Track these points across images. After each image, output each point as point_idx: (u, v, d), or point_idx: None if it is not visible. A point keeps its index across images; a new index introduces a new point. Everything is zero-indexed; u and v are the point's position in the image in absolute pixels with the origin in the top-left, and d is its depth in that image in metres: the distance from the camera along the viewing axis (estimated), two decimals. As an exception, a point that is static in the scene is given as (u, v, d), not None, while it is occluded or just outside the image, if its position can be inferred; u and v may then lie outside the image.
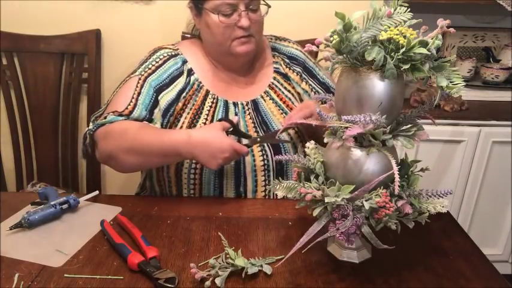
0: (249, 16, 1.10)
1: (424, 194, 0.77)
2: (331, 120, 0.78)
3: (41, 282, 0.76)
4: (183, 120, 1.15)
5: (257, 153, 1.14)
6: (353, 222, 0.73)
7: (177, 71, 1.17)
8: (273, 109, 1.21)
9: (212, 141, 0.96)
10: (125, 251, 0.82)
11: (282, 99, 1.23)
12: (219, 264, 0.79)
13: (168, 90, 1.14)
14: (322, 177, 0.79)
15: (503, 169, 1.72)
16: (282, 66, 1.26)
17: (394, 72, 0.70)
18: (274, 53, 1.28)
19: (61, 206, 0.97)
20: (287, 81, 1.26)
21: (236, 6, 1.09)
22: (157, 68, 1.15)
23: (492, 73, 1.87)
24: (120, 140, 1.01)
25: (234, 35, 1.11)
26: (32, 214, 0.92)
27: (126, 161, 1.02)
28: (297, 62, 1.27)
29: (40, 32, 1.65)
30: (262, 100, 1.21)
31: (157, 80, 1.14)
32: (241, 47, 1.13)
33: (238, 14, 1.09)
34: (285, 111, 1.21)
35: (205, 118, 1.15)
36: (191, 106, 1.16)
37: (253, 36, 1.13)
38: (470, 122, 1.67)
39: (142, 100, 1.10)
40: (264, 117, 1.19)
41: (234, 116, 1.17)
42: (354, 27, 0.71)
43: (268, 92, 1.23)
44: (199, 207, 1.03)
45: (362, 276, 0.80)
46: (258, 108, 1.20)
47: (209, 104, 1.17)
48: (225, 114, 1.17)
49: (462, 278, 0.81)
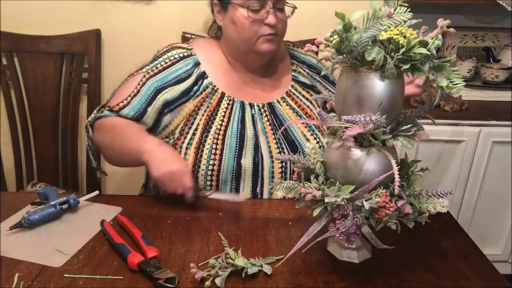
0: (276, 14, 1.10)
1: (424, 194, 0.77)
2: (331, 120, 0.78)
3: (41, 282, 0.76)
4: (197, 122, 1.14)
5: (275, 155, 1.13)
6: (353, 222, 0.73)
7: (185, 73, 1.16)
8: (290, 114, 1.20)
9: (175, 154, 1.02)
10: (125, 251, 0.82)
11: (300, 106, 1.22)
12: (219, 264, 0.79)
13: (170, 89, 1.14)
14: (322, 177, 0.79)
15: (503, 169, 1.72)
16: (303, 74, 1.27)
17: (394, 72, 0.69)
18: (293, 61, 1.28)
19: (61, 206, 0.97)
20: (305, 90, 1.26)
21: (264, 2, 1.08)
22: (164, 68, 1.15)
23: (492, 73, 1.87)
24: (106, 135, 1.12)
25: (261, 32, 1.11)
26: (32, 214, 0.92)
27: (107, 155, 1.13)
28: (316, 71, 1.29)
29: (40, 32, 1.65)
30: (278, 105, 1.21)
31: (161, 81, 1.14)
32: (266, 44, 1.12)
33: (266, 11, 1.08)
34: (303, 117, 1.21)
35: (221, 119, 1.14)
36: (205, 108, 1.15)
37: (277, 35, 1.13)
38: (470, 122, 1.67)
39: (138, 100, 1.12)
40: (282, 121, 1.19)
41: (250, 117, 1.16)
42: (354, 27, 0.71)
43: (285, 98, 1.22)
44: (199, 207, 1.03)
45: (362, 276, 0.80)
46: (274, 112, 1.19)
47: (225, 106, 1.16)
48: (241, 114, 1.16)
49: (462, 278, 0.81)
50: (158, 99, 1.13)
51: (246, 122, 1.15)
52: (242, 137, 1.13)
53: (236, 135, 1.13)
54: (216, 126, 1.13)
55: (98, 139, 1.13)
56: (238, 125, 1.14)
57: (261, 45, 1.12)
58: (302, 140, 1.16)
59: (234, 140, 1.12)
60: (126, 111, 1.12)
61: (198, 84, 1.16)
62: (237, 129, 1.13)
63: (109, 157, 1.14)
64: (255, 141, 1.14)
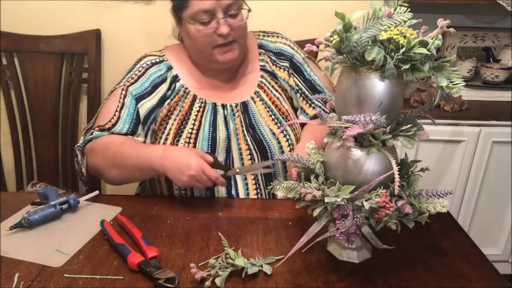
0: (228, 22, 1.07)
1: (424, 194, 0.77)
2: (331, 120, 0.78)
3: (41, 282, 0.77)
4: (169, 127, 1.14)
5: (245, 157, 1.13)
6: (353, 222, 0.73)
7: (159, 78, 1.16)
8: (262, 111, 1.18)
9: (182, 156, 0.96)
10: (125, 251, 0.82)
11: (271, 99, 1.20)
12: (219, 264, 0.79)
13: (149, 99, 1.14)
14: (322, 177, 0.79)
15: (503, 169, 1.72)
16: (269, 63, 1.23)
17: (394, 72, 0.69)
18: (261, 51, 1.24)
19: (61, 206, 0.97)
20: (274, 80, 1.23)
21: (214, 13, 1.06)
22: (139, 77, 1.15)
23: (492, 73, 1.87)
24: (104, 156, 1.05)
25: (215, 43, 1.09)
26: (32, 214, 0.92)
27: (110, 175, 1.06)
28: (284, 57, 1.23)
29: (40, 32, 1.65)
30: (252, 102, 1.19)
31: (139, 89, 1.14)
32: (224, 55, 1.11)
33: (217, 21, 1.06)
34: (274, 113, 1.18)
35: (193, 123, 1.14)
36: (178, 112, 1.15)
37: (236, 41, 1.10)
38: (470, 122, 1.67)
39: (126, 112, 1.11)
40: (252, 120, 1.17)
41: (222, 119, 1.15)
42: (354, 27, 0.71)
43: (258, 92, 1.20)
44: (199, 207, 1.03)
45: (362, 276, 0.80)
46: (247, 111, 1.18)
47: (197, 109, 1.15)
48: (213, 117, 1.15)
49: (462, 278, 0.81)
50: (139, 109, 1.12)
51: (218, 124, 1.15)
52: (214, 140, 1.12)
53: (208, 139, 1.12)
54: (188, 131, 1.12)
55: (95, 162, 1.07)
56: (210, 128, 1.13)
57: (218, 56, 1.11)
58: (269, 138, 1.15)
59: (205, 143, 1.12)
60: (119, 128, 1.09)
61: (172, 88, 1.16)
62: (208, 132, 1.13)
63: (112, 177, 1.07)
64: (227, 144, 1.13)
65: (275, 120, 1.18)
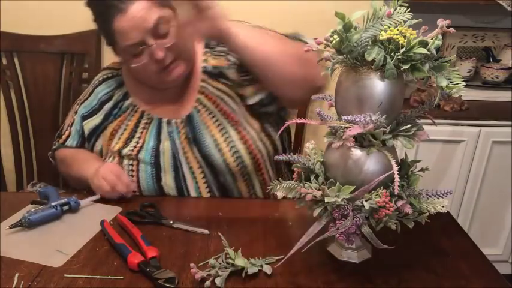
0: (162, 43, 1.00)
1: (424, 194, 0.77)
2: (331, 120, 0.78)
3: (41, 282, 0.77)
4: (116, 141, 1.15)
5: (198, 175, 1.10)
6: (353, 222, 0.73)
7: (106, 95, 1.19)
8: (207, 120, 1.10)
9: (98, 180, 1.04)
10: (125, 251, 0.82)
11: (215, 103, 1.11)
12: (219, 264, 0.79)
13: (95, 117, 1.19)
14: (322, 177, 0.79)
15: (503, 169, 1.72)
16: (208, 60, 1.13)
17: (394, 72, 0.69)
18: (206, 50, 1.15)
19: (62, 208, 0.97)
20: (216, 78, 1.12)
21: (143, 42, 1.00)
22: (91, 93, 1.21)
23: (492, 73, 1.87)
24: (62, 167, 1.25)
25: (157, 69, 1.03)
26: (33, 214, 0.92)
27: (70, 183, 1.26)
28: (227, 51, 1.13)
29: (40, 32, 1.65)
30: (195, 112, 1.11)
31: (87, 107, 1.21)
32: (170, 75, 1.05)
33: (150, 49, 1.00)
34: (218, 119, 1.10)
35: (137, 141, 1.13)
36: (122, 131, 1.16)
37: (178, 57, 1.04)
38: (470, 122, 1.67)
39: (75, 130, 1.22)
40: (197, 134, 1.09)
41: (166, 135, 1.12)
42: (354, 27, 0.71)
43: (200, 99, 1.11)
44: (199, 207, 1.03)
45: (362, 276, 0.80)
46: (192, 124, 1.11)
47: (142, 126, 1.14)
48: (157, 133, 1.12)
49: (462, 278, 0.81)
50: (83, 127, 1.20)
51: (163, 141, 1.12)
52: (157, 152, 1.11)
53: (151, 151, 1.11)
54: (131, 147, 1.12)
55: (60, 170, 1.27)
56: (153, 145, 1.11)
57: (165, 78, 1.06)
58: (213, 153, 1.08)
59: (148, 155, 1.10)
60: (70, 142, 1.22)
61: (118, 107, 1.17)
62: (151, 149, 1.11)
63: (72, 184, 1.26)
64: (174, 162, 1.10)
65: (220, 126, 1.10)
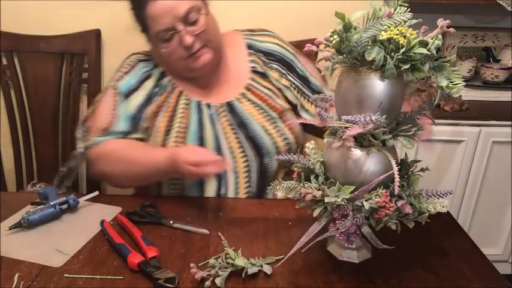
0: (191, 31, 1.05)
1: (424, 194, 0.77)
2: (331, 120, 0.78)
3: (41, 282, 0.77)
4: (158, 124, 1.13)
5: (238, 155, 1.13)
6: (353, 222, 0.73)
7: (145, 73, 1.16)
8: (252, 110, 1.16)
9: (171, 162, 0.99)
10: (125, 251, 0.82)
11: (262, 98, 1.17)
12: (219, 264, 0.79)
13: (136, 95, 1.14)
14: (322, 177, 0.79)
15: (503, 169, 1.72)
16: (259, 64, 1.20)
17: (394, 72, 0.69)
18: (250, 51, 1.21)
19: (61, 207, 0.97)
20: (266, 79, 1.20)
21: (173, 28, 1.04)
22: (125, 73, 1.17)
23: (492, 73, 1.87)
24: (107, 164, 1.10)
25: (184, 55, 1.08)
26: (32, 214, 0.92)
27: (117, 183, 1.14)
28: (275, 58, 1.21)
29: (40, 32, 1.65)
30: (237, 103, 1.16)
31: (126, 85, 1.15)
32: (196, 62, 1.09)
33: (179, 34, 1.05)
34: (266, 110, 1.16)
35: (180, 120, 1.13)
36: (166, 109, 1.14)
37: (206, 45, 1.08)
38: (470, 122, 1.67)
39: (122, 112, 1.13)
40: (243, 119, 1.15)
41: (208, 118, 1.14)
42: (354, 27, 0.71)
43: (245, 94, 1.17)
44: (199, 207, 1.03)
45: (362, 276, 0.80)
46: (234, 111, 1.15)
47: (182, 106, 1.14)
48: (199, 116, 1.14)
49: (462, 278, 0.81)
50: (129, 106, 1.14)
51: (205, 124, 1.14)
52: (201, 139, 1.12)
53: (196, 138, 1.12)
54: (176, 129, 1.12)
55: (101, 170, 1.11)
56: (197, 127, 1.13)
57: (191, 64, 1.10)
58: (262, 135, 1.14)
59: (195, 142, 1.11)
60: (117, 127, 1.12)
61: (159, 85, 1.16)
62: (196, 131, 1.12)
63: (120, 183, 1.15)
64: (216, 143, 1.13)
65: (267, 117, 1.16)
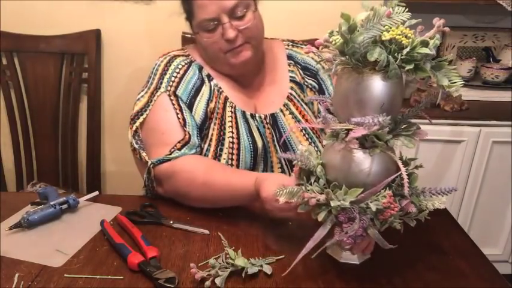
0: (235, 25, 1.04)
1: (428, 192, 0.77)
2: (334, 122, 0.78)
3: (41, 282, 0.76)
4: (211, 132, 1.09)
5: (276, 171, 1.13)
6: (360, 225, 0.72)
7: (198, 80, 1.11)
8: (292, 124, 1.15)
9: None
10: (125, 251, 0.82)
11: (301, 113, 1.17)
12: (219, 264, 0.79)
13: (197, 104, 1.08)
14: (323, 179, 0.78)
15: (503, 169, 1.72)
16: (298, 76, 1.21)
17: (398, 73, 0.69)
18: (290, 62, 1.22)
19: (61, 206, 0.97)
20: (303, 93, 1.20)
21: (218, 19, 1.03)
22: (180, 79, 1.09)
23: (492, 73, 1.88)
24: (188, 186, 0.99)
25: (225, 48, 1.06)
26: (32, 214, 0.92)
27: (195, 205, 1.01)
28: (310, 73, 1.22)
29: (40, 32, 1.66)
30: (281, 115, 1.16)
31: (185, 93, 1.08)
32: (236, 57, 1.07)
33: (223, 26, 1.04)
34: (305, 128, 1.16)
35: (231, 130, 1.09)
36: (216, 115, 1.10)
37: (248, 42, 1.07)
38: (470, 122, 1.67)
39: (189, 121, 1.05)
40: (283, 133, 1.14)
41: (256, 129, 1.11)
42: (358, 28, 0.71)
43: (288, 104, 1.17)
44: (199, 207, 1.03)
45: (363, 277, 0.80)
46: (277, 124, 1.14)
47: (229, 115, 1.11)
48: (247, 125, 1.11)
49: (462, 278, 0.81)
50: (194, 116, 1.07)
51: (254, 134, 1.11)
52: (255, 151, 1.10)
53: (250, 150, 1.09)
54: (229, 139, 1.09)
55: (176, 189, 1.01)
56: (249, 138, 1.10)
57: (230, 60, 1.08)
58: None
59: (248, 154, 1.09)
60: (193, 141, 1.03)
61: (211, 89, 1.11)
62: (248, 142, 1.10)
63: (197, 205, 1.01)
64: (264, 155, 1.12)
65: (306, 136, 1.16)
